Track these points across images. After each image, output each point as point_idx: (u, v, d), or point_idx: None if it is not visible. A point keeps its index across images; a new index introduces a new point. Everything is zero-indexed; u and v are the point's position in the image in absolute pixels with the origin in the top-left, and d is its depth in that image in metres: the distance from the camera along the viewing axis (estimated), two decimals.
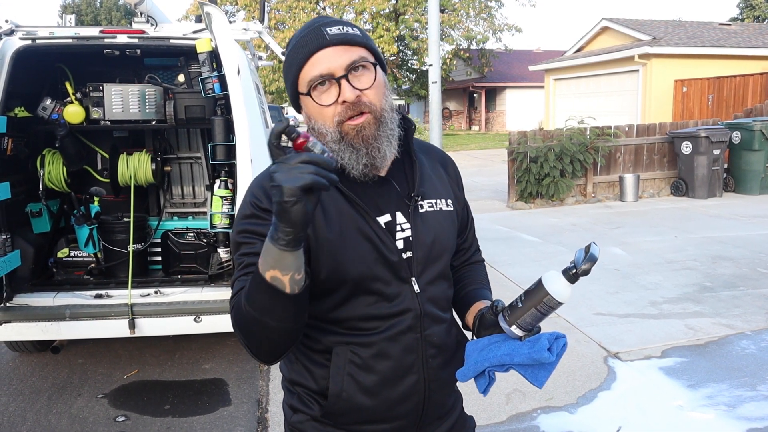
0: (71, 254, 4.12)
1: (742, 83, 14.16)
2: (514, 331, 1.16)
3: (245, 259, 1.16)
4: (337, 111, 1.17)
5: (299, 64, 1.19)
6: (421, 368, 1.25)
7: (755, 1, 37.47)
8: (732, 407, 3.25)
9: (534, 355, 1.12)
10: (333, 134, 1.18)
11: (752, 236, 6.98)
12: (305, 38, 1.20)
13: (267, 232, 1.05)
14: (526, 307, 1.13)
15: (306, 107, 1.23)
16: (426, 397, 1.27)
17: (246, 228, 1.18)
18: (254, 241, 1.15)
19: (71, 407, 3.55)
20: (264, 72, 22.33)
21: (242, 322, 1.09)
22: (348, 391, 1.21)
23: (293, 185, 0.89)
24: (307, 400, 1.27)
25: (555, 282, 1.11)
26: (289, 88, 1.26)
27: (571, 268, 1.10)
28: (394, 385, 1.23)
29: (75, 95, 3.99)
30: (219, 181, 3.72)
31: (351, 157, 1.19)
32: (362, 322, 1.21)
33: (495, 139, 24.98)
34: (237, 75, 3.33)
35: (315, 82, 1.17)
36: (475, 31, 28.23)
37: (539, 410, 3.30)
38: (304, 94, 1.20)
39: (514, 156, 9.42)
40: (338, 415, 1.24)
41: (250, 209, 1.19)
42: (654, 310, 4.71)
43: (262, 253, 1.01)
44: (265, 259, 1.00)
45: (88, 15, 44.14)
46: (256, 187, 1.22)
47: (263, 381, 3.84)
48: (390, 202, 1.25)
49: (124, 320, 3.49)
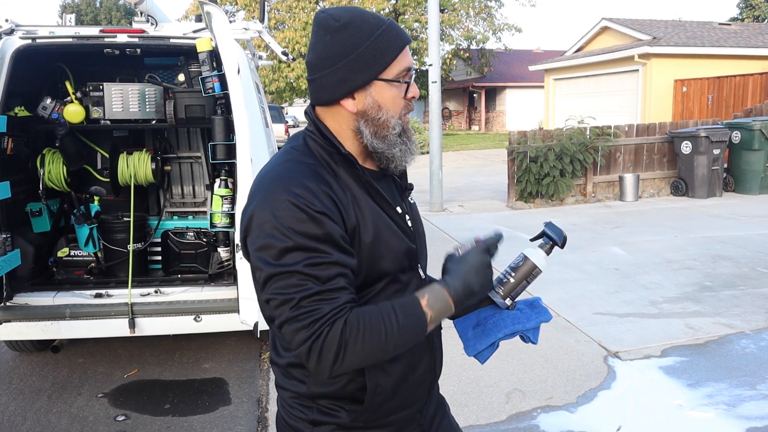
0: (71, 254, 4.12)
1: (741, 83, 14.15)
2: (507, 302, 1.31)
3: (321, 272, 1.07)
4: (404, 105, 1.23)
5: (395, 51, 1.18)
6: (428, 348, 1.32)
7: (755, 1, 37.46)
8: (732, 406, 3.25)
9: (541, 318, 1.31)
10: (398, 126, 1.22)
11: (752, 236, 6.99)
12: (396, 29, 1.19)
13: (334, 233, 1.09)
14: (517, 281, 1.30)
15: (380, 96, 1.19)
16: (435, 375, 1.35)
17: (301, 234, 1.08)
18: (324, 249, 1.08)
19: (71, 406, 3.55)
20: (264, 72, 22.33)
21: (367, 343, 1.07)
22: (382, 384, 1.23)
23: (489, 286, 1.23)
24: (332, 409, 1.23)
25: (537, 256, 1.30)
26: (365, 71, 1.17)
27: (546, 243, 1.32)
28: (414, 369, 1.28)
29: (75, 95, 3.99)
30: (219, 180, 3.73)
31: (402, 150, 1.23)
32: None
33: (495, 139, 24.97)
34: (237, 74, 3.33)
35: (404, 74, 1.20)
36: (475, 31, 28.21)
37: (539, 409, 3.30)
38: (387, 81, 1.18)
39: (514, 156, 9.42)
40: (373, 411, 1.23)
41: (300, 214, 1.08)
42: (654, 310, 4.71)
43: (435, 308, 1.15)
44: (437, 314, 1.15)
45: (88, 15, 44.15)
46: (296, 187, 1.11)
47: (263, 380, 3.84)
48: (395, 195, 1.30)
49: (124, 320, 3.49)
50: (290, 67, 22.50)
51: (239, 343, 4.41)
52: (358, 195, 1.19)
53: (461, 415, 3.22)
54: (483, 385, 3.56)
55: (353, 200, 1.17)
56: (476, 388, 3.53)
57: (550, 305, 4.84)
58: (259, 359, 4.16)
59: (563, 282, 5.45)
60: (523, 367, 3.79)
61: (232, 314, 3.50)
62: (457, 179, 12.89)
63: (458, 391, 3.48)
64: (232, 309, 3.50)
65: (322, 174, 1.17)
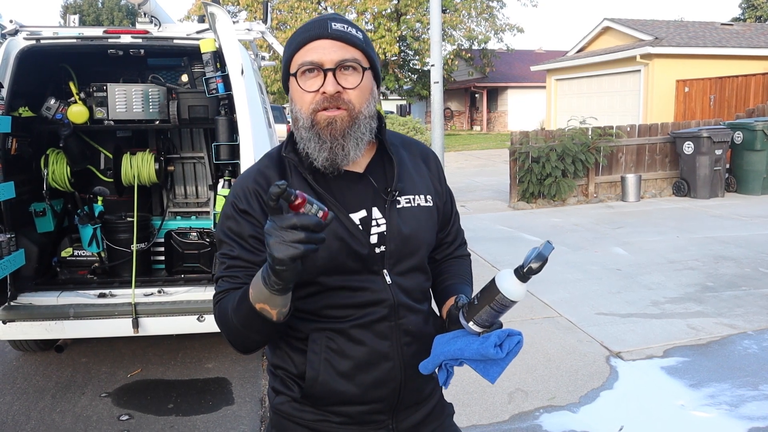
0: (75, 253, 4.14)
1: (744, 83, 14.14)
2: (472, 327, 1.19)
3: (226, 260, 1.25)
4: (316, 99, 1.22)
5: (297, 46, 1.25)
6: (397, 355, 1.29)
7: (757, 1, 37.41)
8: (734, 407, 3.25)
9: (482, 350, 1.15)
10: (305, 121, 1.23)
11: (754, 236, 6.98)
12: (310, 26, 1.26)
13: (244, 232, 1.23)
14: (481, 305, 1.16)
15: (291, 90, 1.27)
16: (402, 383, 1.31)
17: (225, 229, 1.26)
18: (232, 242, 1.24)
19: (75, 406, 3.56)
20: (266, 72, 22.34)
21: (225, 325, 1.20)
22: (324, 376, 1.26)
23: (284, 256, 0.96)
24: (289, 382, 1.32)
25: (506, 281, 1.13)
26: (282, 68, 1.31)
27: (522, 267, 1.11)
28: (369, 371, 1.28)
29: (79, 95, 4.00)
30: (222, 180, 3.73)
31: (315, 147, 1.23)
32: (336, 310, 1.26)
33: (496, 139, 24.97)
34: (241, 75, 3.34)
35: (304, 67, 1.22)
36: (477, 32, 28.20)
37: (541, 409, 3.30)
38: (292, 75, 1.25)
39: (516, 156, 9.42)
40: (316, 398, 1.29)
41: (230, 210, 1.27)
42: (656, 310, 4.71)
43: (253, 286, 1.09)
44: (256, 294, 1.09)
45: (90, 15, 44.18)
46: (237, 187, 1.29)
47: (266, 380, 3.84)
48: (366, 198, 1.29)
49: (128, 319, 3.50)
50: None
51: None
52: (309, 194, 1.23)
53: (464, 414, 3.23)
54: (485, 385, 3.56)
55: None
56: (479, 388, 3.53)
57: (552, 305, 4.87)
58: (262, 359, 4.17)
59: (565, 282, 5.46)
60: (526, 367, 3.80)
61: None
62: (458, 179, 12.89)
63: (461, 391, 3.49)
64: None
65: (267, 174, 1.28)
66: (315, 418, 1.31)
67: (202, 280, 3.89)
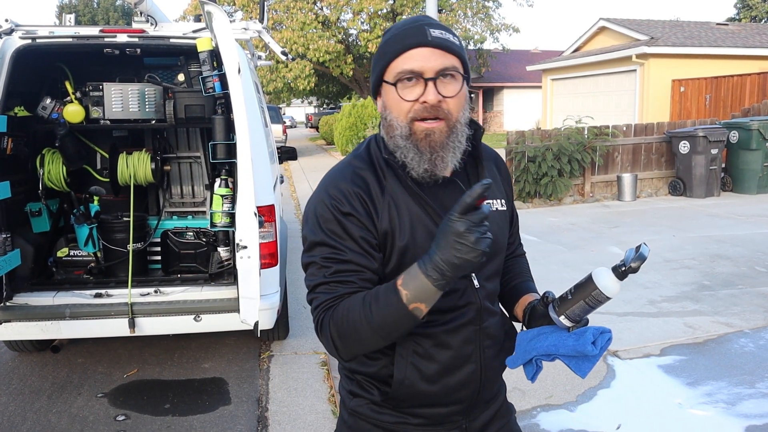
0: (71, 253, 4.12)
1: (739, 83, 14.18)
2: (562, 321, 1.22)
3: (332, 265, 1.19)
4: (414, 108, 1.20)
5: (394, 54, 1.21)
6: (478, 358, 1.32)
7: (752, 1, 37.54)
8: (731, 405, 3.26)
9: (579, 347, 1.19)
10: (403, 129, 1.21)
11: (750, 235, 7.01)
12: (407, 32, 1.22)
13: (354, 234, 1.20)
14: (575, 300, 1.20)
15: (386, 96, 1.24)
16: (481, 384, 1.34)
17: (327, 232, 1.21)
18: (341, 246, 1.20)
19: (71, 406, 3.55)
20: (261, 72, 22.31)
21: (353, 329, 1.14)
22: (410, 379, 1.27)
23: (485, 248, 1.01)
24: (367, 385, 1.33)
25: (604, 277, 1.17)
26: (374, 74, 1.27)
27: (621, 265, 1.16)
28: (453, 374, 1.29)
29: (75, 94, 3.99)
30: (219, 179, 3.73)
31: (414, 158, 1.22)
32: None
33: (492, 139, 24.98)
34: (238, 74, 3.33)
35: (404, 76, 1.20)
36: (473, 31, 28.18)
37: (539, 408, 3.31)
38: (389, 83, 1.22)
39: (512, 156, 9.43)
40: (400, 400, 1.30)
41: (329, 213, 1.21)
42: (653, 309, 4.72)
43: (410, 286, 1.07)
44: (414, 293, 1.07)
45: (86, 15, 44.04)
46: (333, 189, 1.23)
47: (263, 380, 3.84)
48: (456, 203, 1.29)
49: (124, 319, 3.49)
50: (288, 68, 22.46)
51: (239, 342, 4.41)
52: (401, 199, 1.23)
53: None
54: None
55: (392, 204, 1.23)
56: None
57: None
58: (259, 359, 4.16)
59: (562, 281, 5.46)
60: None
61: (232, 314, 3.50)
62: None
63: None
64: (232, 309, 3.51)
65: (365, 177, 1.24)
66: (394, 420, 1.32)
67: (199, 280, 3.88)
